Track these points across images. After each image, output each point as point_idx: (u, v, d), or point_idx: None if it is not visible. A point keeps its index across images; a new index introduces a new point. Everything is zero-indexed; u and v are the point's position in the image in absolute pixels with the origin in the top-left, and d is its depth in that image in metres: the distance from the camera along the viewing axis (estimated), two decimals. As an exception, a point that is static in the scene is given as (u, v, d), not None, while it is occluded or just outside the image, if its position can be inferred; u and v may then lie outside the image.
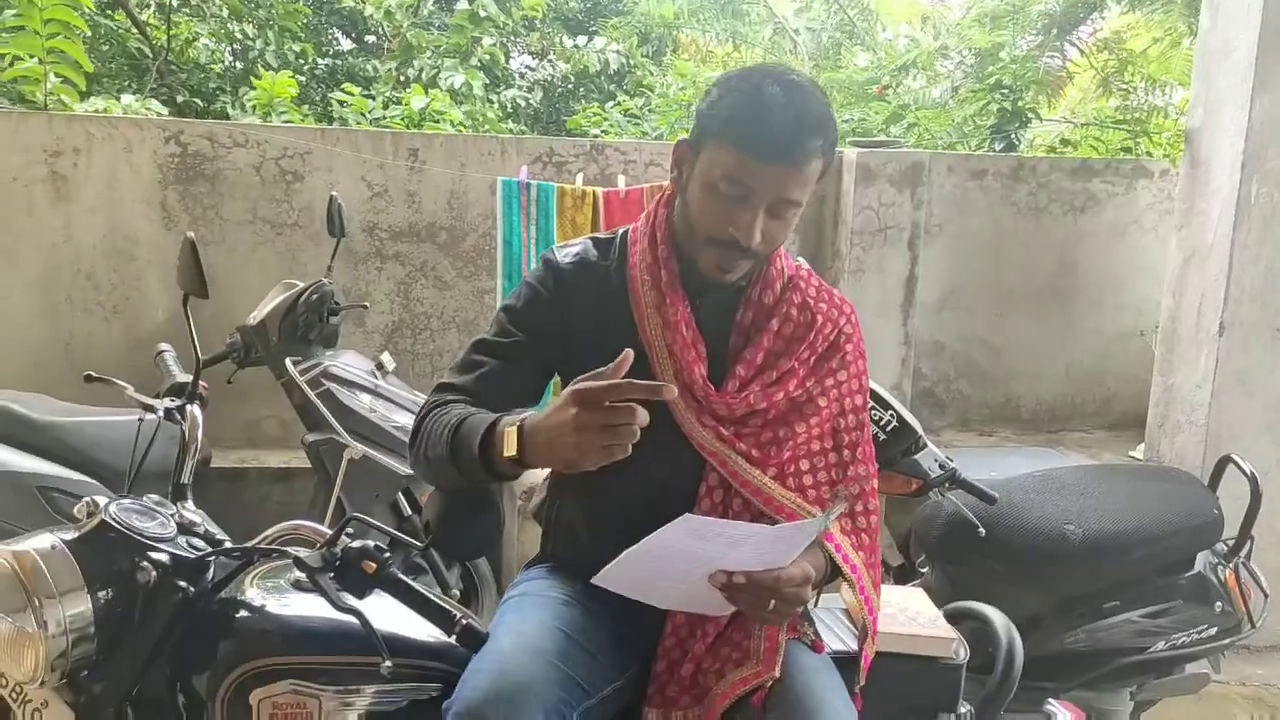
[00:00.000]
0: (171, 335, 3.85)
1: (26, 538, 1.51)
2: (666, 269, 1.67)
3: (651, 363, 1.66)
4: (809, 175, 1.55)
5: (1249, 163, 3.60)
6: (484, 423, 1.48)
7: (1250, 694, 3.64)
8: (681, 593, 1.51)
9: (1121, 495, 2.76)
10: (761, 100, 1.52)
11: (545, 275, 1.73)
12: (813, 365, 1.69)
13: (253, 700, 1.49)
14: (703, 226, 1.60)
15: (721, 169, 1.55)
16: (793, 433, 1.65)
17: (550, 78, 7.52)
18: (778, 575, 1.43)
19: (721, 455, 1.63)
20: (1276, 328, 3.73)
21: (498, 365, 1.66)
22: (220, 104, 6.33)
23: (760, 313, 1.69)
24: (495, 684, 1.43)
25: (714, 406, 1.63)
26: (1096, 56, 6.58)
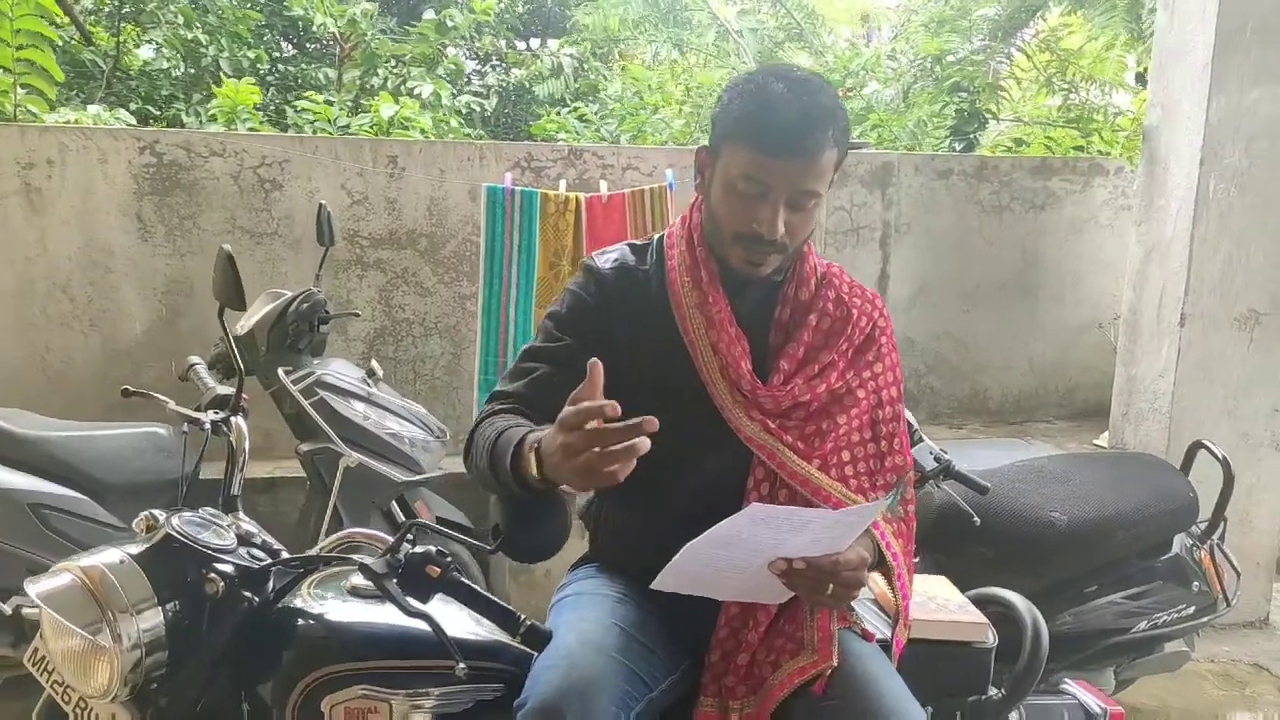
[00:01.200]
0: (149, 347, 3.82)
1: (92, 553, 1.52)
2: (707, 269, 1.73)
3: (695, 361, 1.71)
4: (823, 165, 1.61)
5: (1206, 160, 3.75)
6: (514, 440, 1.50)
7: (1219, 670, 3.79)
8: (739, 582, 1.56)
9: (1101, 482, 2.87)
10: (768, 99, 1.59)
11: (587, 281, 1.77)
12: (851, 358, 1.75)
13: (324, 707, 1.51)
14: (728, 225, 1.66)
15: (739, 168, 1.61)
16: (834, 424, 1.71)
17: (504, 83, 7.52)
18: (836, 559, 1.48)
19: (770, 448, 1.68)
20: (1234, 317, 3.89)
21: (548, 370, 1.70)
22: (174, 111, 6.23)
23: (798, 308, 1.76)
24: (567, 679, 1.47)
25: (760, 400, 1.69)
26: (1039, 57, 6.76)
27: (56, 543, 2.99)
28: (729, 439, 1.70)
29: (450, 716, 1.58)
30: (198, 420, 1.90)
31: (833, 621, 1.65)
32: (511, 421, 1.57)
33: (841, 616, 1.68)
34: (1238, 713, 3.51)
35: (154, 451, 3.26)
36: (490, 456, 1.53)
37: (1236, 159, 3.76)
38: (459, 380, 4.05)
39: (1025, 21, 6.63)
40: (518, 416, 1.61)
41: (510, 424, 1.56)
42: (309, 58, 8.42)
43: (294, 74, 7.55)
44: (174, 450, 3.28)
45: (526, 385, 1.69)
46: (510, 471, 1.48)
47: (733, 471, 1.71)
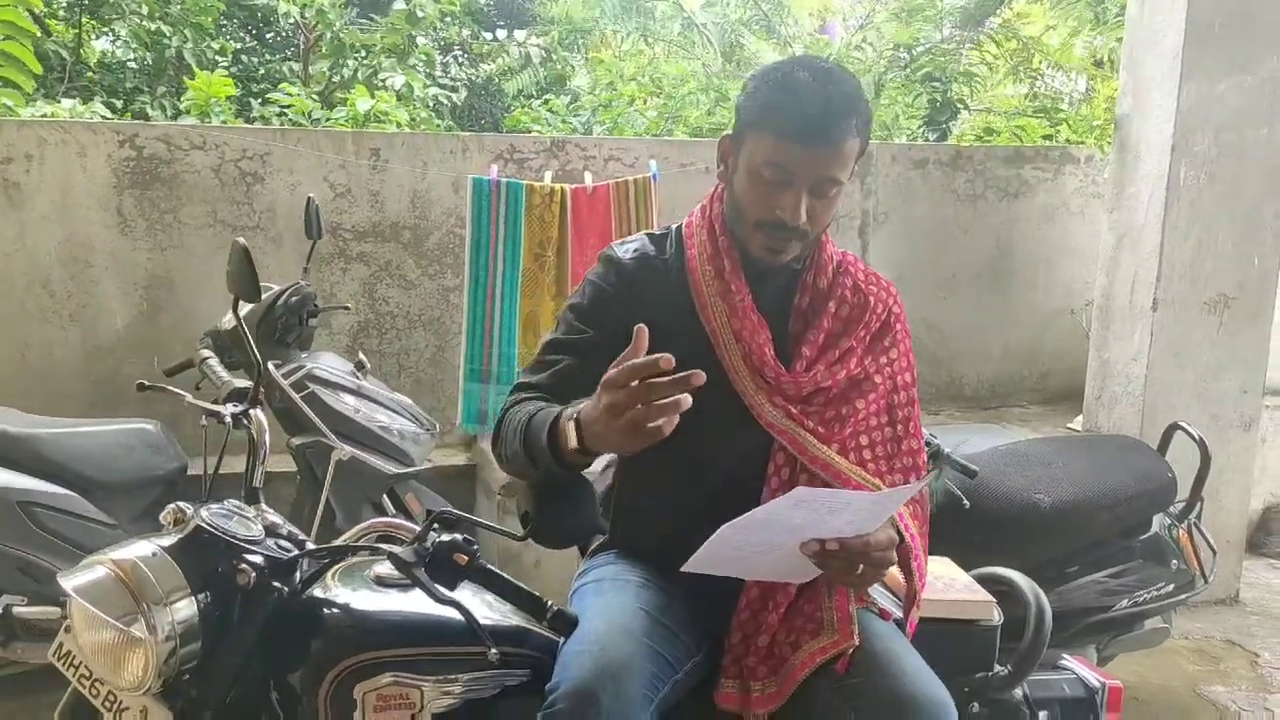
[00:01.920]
0: (130, 342, 3.79)
1: (121, 546, 1.53)
2: (729, 258, 1.76)
3: (717, 348, 1.74)
4: (846, 154, 1.64)
5: (1177, 147, 3.83)
6: (549, 418, 1.53)
7: (1194, 646, 3.89)
8: (769, 563, 1.59)
9: (1083, 464, 2.93)
10: (793, 87, 1.62)
11: (607, 271, 1.79)
12: (868, 344, 1.79)
13: (356, 694, 1.53)
14: (751, 212, 1.69)
15: (763, 155, 1.64)
16: (853, 409, 1.74)
17: (472, 75, 7.49)
18: (867, 540, 1.52)
19: (792, 433, 1.72)
20: (1204, 302, 3.98)
21: (570, 361, 1.72)
22: (139, 104, 6.16)
23: (817, 296, 1.79)
24: (599, 662, 1.50)
25: (784, 386, 1.72)
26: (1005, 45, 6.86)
27: (47, 540, 2.97)
28: (750, 425, 1.73)
29: (478, 701, 1.60)
30: (217, 413, 1.90)
31: (851, 602, 1.69)
32: (542, 405, 1.60)
33: (859, 597, 1.72)
34: (1213, 687, 3.60)
35: (144, 448, 3.24)
36: (524, 437, 1.55)
37: (1206, 147, 3.85)
38: (443, 373, 4.05)
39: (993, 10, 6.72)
40: (542, 404, 1.63)
41: (541, 407, 1.58)
42: (269, 49, 8.33)
43: (257, 66, 7.48)
44: (162, 446, 3.27)
45: (550, 377, 1.71)
46: (547, 448, 1.50)
47: (753, 457, 1.74)
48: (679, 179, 4.05)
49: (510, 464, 1.64)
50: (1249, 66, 3.80)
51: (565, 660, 1.53)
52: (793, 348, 1.76)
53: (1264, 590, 4.43)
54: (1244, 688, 3.61)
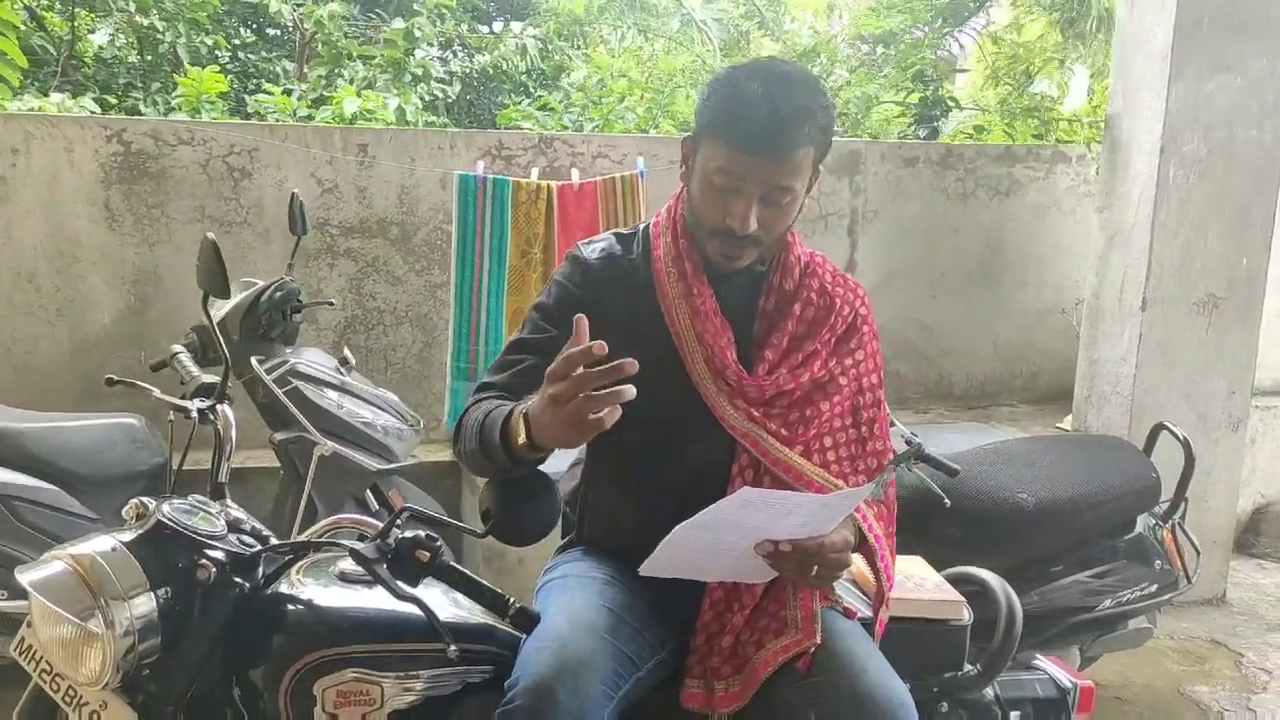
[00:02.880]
0: (117, 337, 3.79)
1: (82, 541, 1.52)
2: (690, 260, 1.75)
3: (680, 350, 1.74)
4: (797, 163, 1.62)
5: (1167, 147, 3.82)
6: (503, 415, 1.53)
7: (1179, 646, 3.89)
8: (725, 564, 1.59)
9: (1067, 464, 2.93)
10: (742, 97, 1.61)
11: (573, 272, 1.79)
12: (834, 347, 1.78)
13: (317, 690, 1.53)
14: (705, 218, 1.69)
15: (715, 163, 1.64)
16: (817, 411, 1.74)
17: (467, 70, 7.47)
18: (822, 542, 1.52)
19: (753, 436, 1.71)
20: (1193, 302, 3.98)
21: (533, 361, 1.71)
22: (132, 100, 6.15)
23: (782, 298, 1.78)
24: (559, 659, 1.50)
25: (745, 389, 1.72)
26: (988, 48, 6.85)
27: (28, 535, 2.97)
28: (713, 427, 1.73)
29: (440, 698, 1.60)
30: (184, 408, 1.90)
31: (815, 601, 1.69)
32: (496, 404, 1.60)
33: (823, 596, 1.72)
34: (1197, 687, 3.60)
35: (126, 443, 3.24)
36: (480, 435, 1.55)
37: (1195, 147, 3.85)
38: (430, 369, 4.05)
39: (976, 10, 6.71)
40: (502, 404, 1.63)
41: (498, 405, 1.58)
42: (270, 45, 8.33)
43: (254, 63, 7.47)
44: (146, 441, 3.27)
45: (512, 376, 1.71)
46: (500, 445, 1.50)
47: (718, 458, 1.74)
48: (667, 175, 4.04)
49: (469, 462, 1.64)
50: (1237, 67, 3.79)
51: (525, 657, 1.53)
52: (756, 350, 1.76)
53: (1251, 590, 4.43)
54: (1228, 688, 3.61)
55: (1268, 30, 3.79)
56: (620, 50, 8.76)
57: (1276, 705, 3.48)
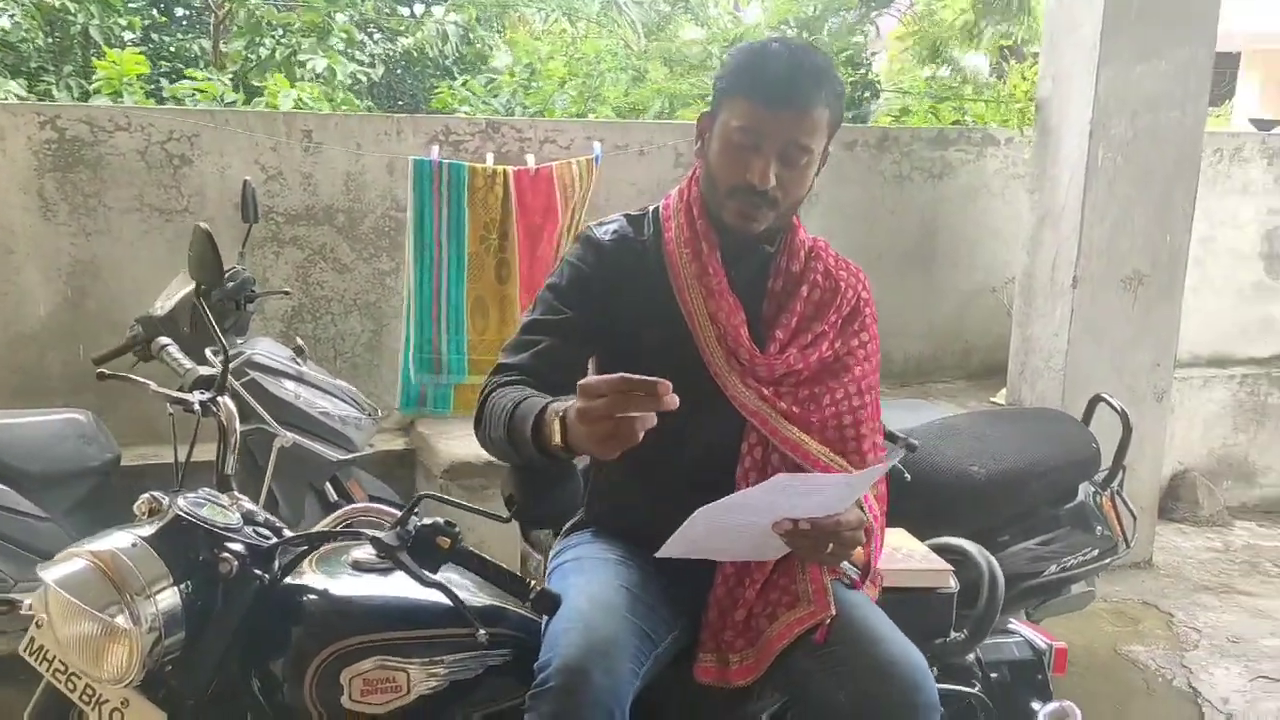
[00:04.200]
0: (54, 330, 3.68)
1: (99, 537, 1.50)
2: (706, 241, 1.79)
3: (693, 329, 1.77)
4: (816, 121, 1.69)
5: (1095, 131, 3.97)
6: (534, 409, 1.53)
7: (1113, 608, 4.07)
8: (740, 545, 1.64)
9: (1013, 436, 3.03)
10: (765, 54, 1.70)
11: (586, 252, 1.81)
12: (839, 329, 1.84)
13: (343, 679, 1.54)
14: (723, 178, 1.74)
15: (735, 120, 1.70)
16: (826, 390, 1.80)
17: (390, 53, 7.38)
18: (838, 520, 1.57)
19: (763, 414, 1.76)
20: (1121, 279, 4.14)
21: (550, 342, 1.73)
22: (44, 85, 5.93)
23: (789, 280, 1.83)
24: (588, 639, 1.53)
25: (757, 368, 1.76)
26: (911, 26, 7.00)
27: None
28: (724, 406, 1.77)
29: (463, 682, 1.62)
30: (184, 401, 1.87)
31: (824, 574, 1.74)
32: (525, 392, 1.61)
33: (831, 570, 1.77)
34: (1132, 646, 3.78)
35: (75, 438, 3.15)
36: (508, 426, 1.56)
37: (1122, 130, 4.00)
38: (379, 358, 4.01)
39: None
40: (525, 388, 1.64)
41: (526, 394, 1.59)
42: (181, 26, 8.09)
43: (167, 44, 7.26)
44: (95, 437, 3.19)
45: (531, 357, 1.72)
46: (532, 439, 1.51)
47: (727, 436, 1.78)
48: (613, 161, 4.06)
49: (493, 447, 1.65)
50: (1163, 52, 3.95)
51: (553, 638, 1.55)
52: (766, 330, 1.81)
53: (1174, 554, 4.65)
54: (1161, 646, 3.79)
55: (1191, 17, 3.95)
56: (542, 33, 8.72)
57: (1209, 661, 3.67)
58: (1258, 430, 5.24)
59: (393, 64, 7.81)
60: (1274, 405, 5.24)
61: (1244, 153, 5.20)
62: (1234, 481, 5.24)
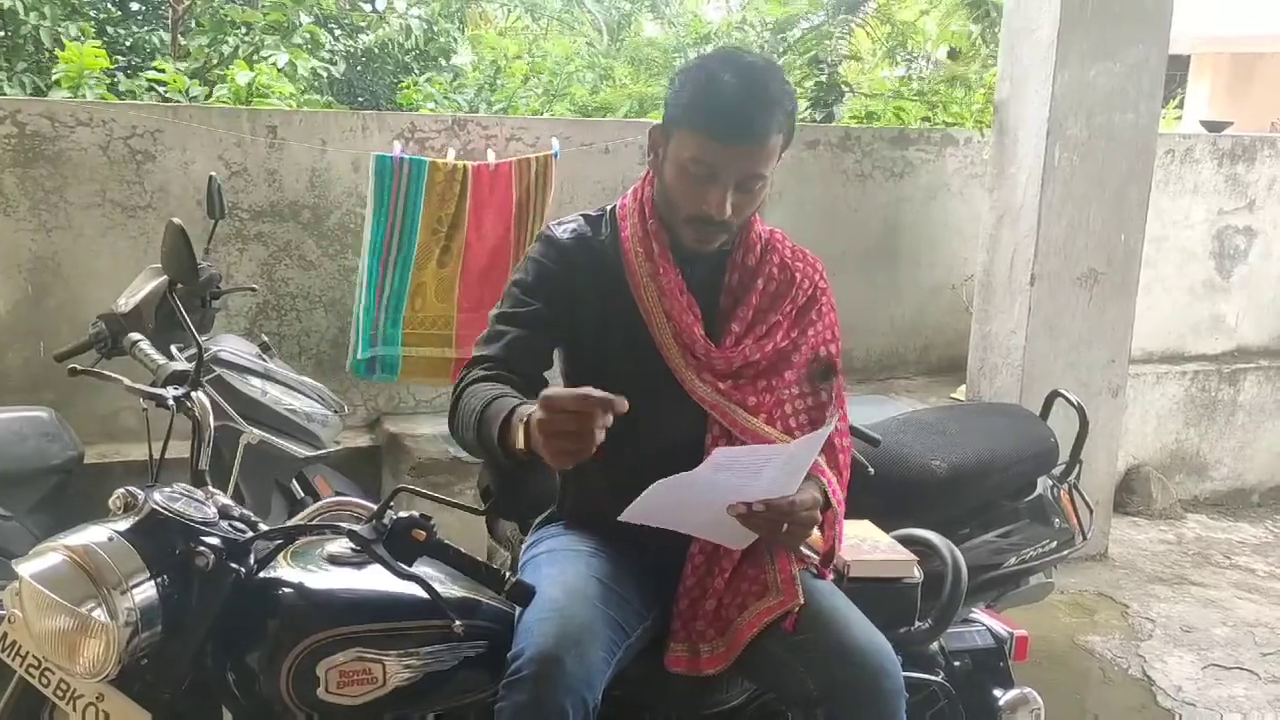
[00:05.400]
0: (13, 328, 3.64)
1: (74, 532, 1.50)
2: (657, 241, 1.83)
3: (650, 327, 1.81)
4: (769, 150, 1.72)
5: (1052, 131, 4.04)
6: (503, 410, 1.57)
7: (1069, 600, 4.15)
8: (702, 519, 1.67)
9: (974, 431, 3.09)
10: (716, 87, 1.69)
11: (548, 249, 1.84)
12: (794, 318, 1.89)
13: (320, 671, 1.55)
14: (680, 206, 1.77)
15: (689, 153, 1.72)
16: (781, 380, 1.84)
17: (351, 49, 7.33)
18: (792, 500, 1.61)
19: (722, 406, 1.80)
20: (1076, 277, 4.22)
21: (519, 333, 1.77)
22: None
23: (745, 274, 1.87)
24: (562, 628, 1.55)
25: (713, 362, 1.80)
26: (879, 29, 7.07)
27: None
28: (684, 400, 1.81)
29: (438, 674, 1.64)
30: (158, 396, 1.87)
31: (793, 563, 1.78)
32: (498, 390, 1.63)
33: (798, 559, 1.81)
34: (1089, 637, 3.86)
35: (37, 436, 3.12)
36: (478, 428, 1.59)
37: (1078, 130, 4.08)
38: (345, 354, 3.99)
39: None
40: (499, 383, 1.67)
41: (498, 392, 1.62)
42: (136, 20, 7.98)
43: (124, 38, 7.16)
44: (57, 434, 3.16)
45: (503, 348, 1.76)
46: (498, 442, 1.54)
47: (690, 430, 1.82)
48: (578, 158, 4.08)
49: (464, 443, 1.68)
50: (1117, 53, 4.04)
51: (527, 628, 1.58)
52: (722, 324, 1.84)
53: (1128, 546, 4.75)
54: (1117, 637, 3.88)
55: (1145, 18, 4.04)
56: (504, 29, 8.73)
57: (1163, 650, 3.76)
58: (1208, 425, 5.36)
59: (354, 60, 7.77)
60: (1224, 401, 5.36)
61: (1195, 153, 5.31)
62: (1185, 475, 5.35)
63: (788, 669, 1.68)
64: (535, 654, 1.52)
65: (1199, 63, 13.94)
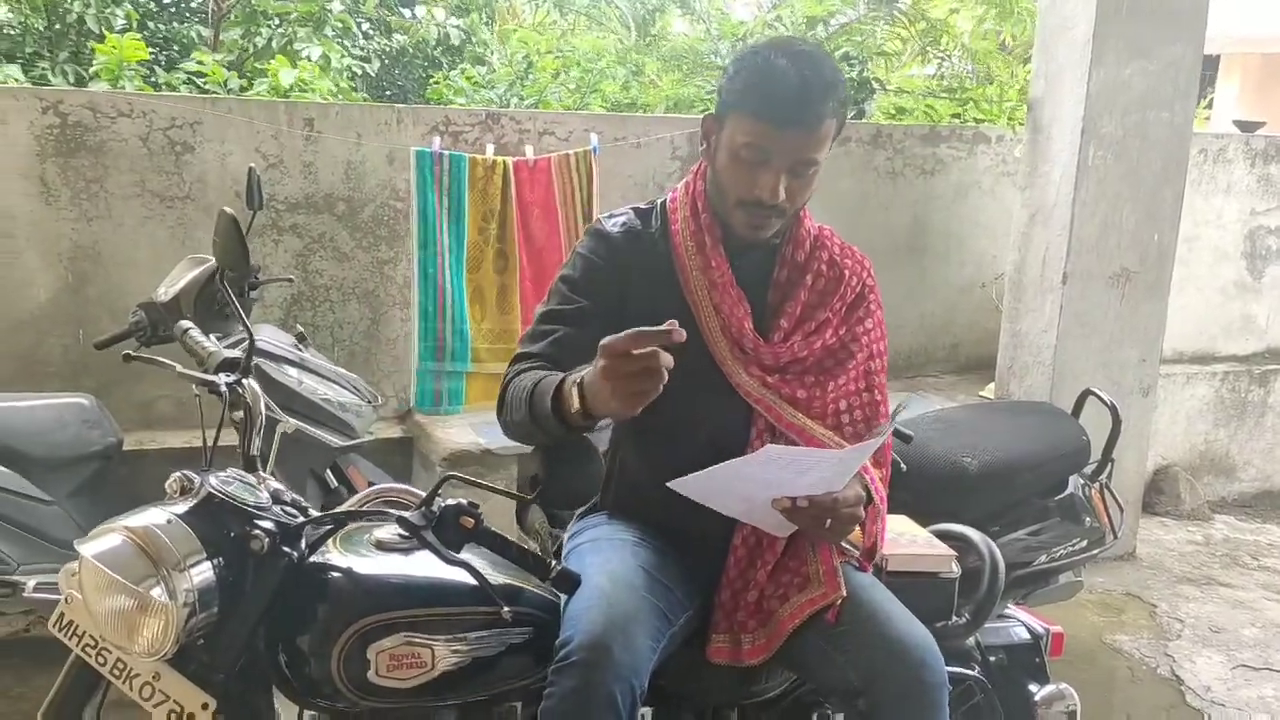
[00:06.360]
0: (54, 316, 3.69)
1: (133, 514, 1.53)
2: (710, 234, 1.84)
3: (699, 320, 1.82)
4: (823, 135, 1.73)
5: (1087, 129, 4.04)
6: (553, 384, 1.60)
7: (1097, 599, 4.15)
8: (746, 508, 1.70)
9: (1005, 429, 3.10)
10: (772, 72, 1.71)
11: (597, 245, 1.86)
12: (844, 315, 1.89)
13: (370, 654, 1.57)
14: (732, 191, 1.78)
15: (743, 138, 1.72)
16: (830, 376, 1.85)
17: (387, 47, 7.39)
18: (836, 497, 1.62)
19: (768, 401, 1.81)
20: (1109, 276, 4.22)
21: (567, 331, 1.78)
22: (39, 71, 5.90)
23: (794, 269, 1.88)
24: (609, 616, 1.57)
25: (761, 356, 1.81)
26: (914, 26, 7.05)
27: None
28: (731, 394, 1.82)
29: (484, 659, 1.66)
30: (211, 383, 1.89)
31: (834, 556, 1.79)
32: (544, 373, 1.65)
33: (840, 552, 1.82)
34: (1117, 636, 3.86)
35: (78, 423, 3.17)
36: (529, 404, 1.61)
37: (1113, 129, 4.07)
38: (378, 345, 4.04)
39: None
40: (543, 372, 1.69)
41: (543, 375, 1.64)
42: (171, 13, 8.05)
43: (163, 31, 7.23)
44: (98, 421, 3.21)
45: (549, 346, 1.77)
46: (552, 411, 1.56)
47: (736, 422, 1.83)
48: (610, 154, 4.10)
49: (516, 430, 1.70)
50: (1152, 52, 4.02)
51: (574, 615, 1.60)
52: (771, 319, 1.86)
53: (1156, 546, 4.74)
54: (1145, 636, 3.87)
55: (1180, 17, 4.02)
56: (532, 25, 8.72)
57: (1191, 650, 3.75)
58: (1238, 427, 5.34)
59: (387, 59, 7.82)
60: (1254, 402, 5.34)
61: (1228, 153, 5.29)
62: (1214, 476, 5.34)
63: (830, 660, 1.69)
64: (585, 641, 1.54)
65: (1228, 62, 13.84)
